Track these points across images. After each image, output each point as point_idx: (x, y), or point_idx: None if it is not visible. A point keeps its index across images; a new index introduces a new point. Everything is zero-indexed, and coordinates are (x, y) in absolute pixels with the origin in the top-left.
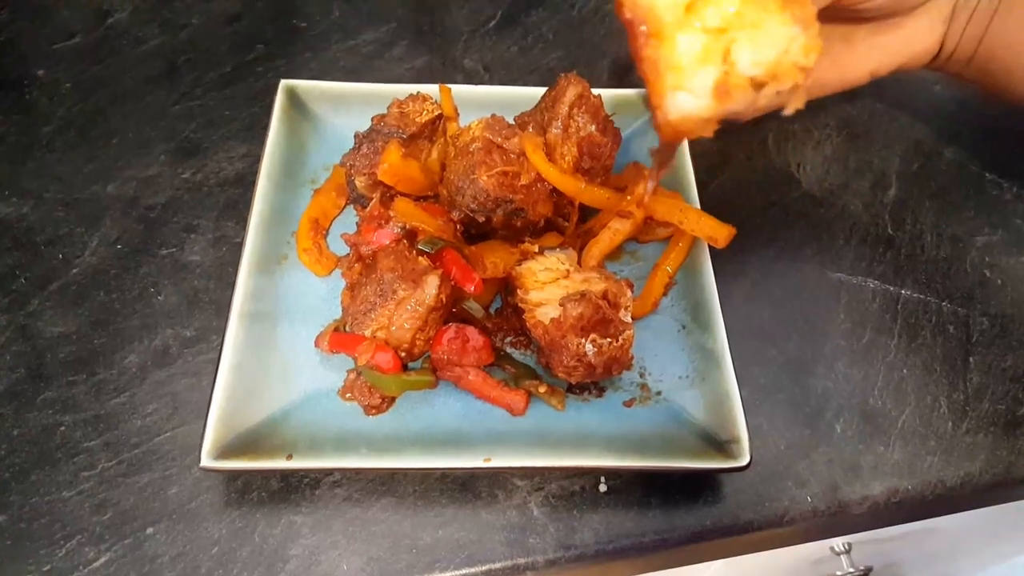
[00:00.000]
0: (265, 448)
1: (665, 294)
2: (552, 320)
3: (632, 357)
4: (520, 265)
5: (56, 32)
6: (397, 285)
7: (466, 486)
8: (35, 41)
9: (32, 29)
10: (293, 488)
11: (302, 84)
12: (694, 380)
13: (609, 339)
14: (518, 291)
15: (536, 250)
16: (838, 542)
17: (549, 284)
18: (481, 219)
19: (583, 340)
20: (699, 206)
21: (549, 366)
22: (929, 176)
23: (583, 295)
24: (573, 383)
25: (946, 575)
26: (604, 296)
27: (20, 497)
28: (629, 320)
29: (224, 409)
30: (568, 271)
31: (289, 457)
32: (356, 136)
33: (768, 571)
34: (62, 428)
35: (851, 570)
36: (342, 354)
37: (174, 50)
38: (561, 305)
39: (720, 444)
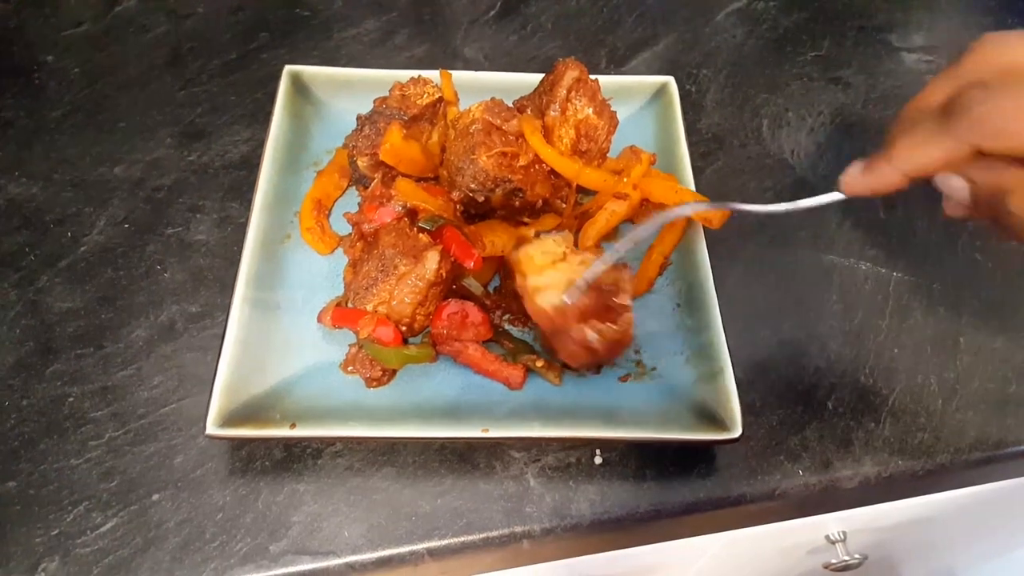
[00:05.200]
0: (269, 417)
1: (660, 274)
2: (554, 308)
3: (633, 337)
4: (517, 250)
5: (64, 20)
6: (398, 261)
7: (464, 457)
8: (44, 29)
9: (41, 17)
10: (296, 458)
11: (306, 69)
12: (688, 357)
13: (610, 323)
14: (517, 277)
15: (532, 234)
16: (834, 531)
17: (547, 268)
18: (480, 199)
19: (585, 327)
20: (695, 191)
21: (551, 350)
22: None
23: (585, 283)
24: (577, 368)
25: (941, 567)
26: (605, 282)
27: (29, 465)
28: (629, 303)
29: (229, 379)
30: (565, 253)
31: (293, 426)
32: (358, 118)
33: (763, 558)
34: (70, 399)
35: (847, 558)
36: (344, 329)
37: (179, 38)
38: (563, 293)
39: (713, 416)
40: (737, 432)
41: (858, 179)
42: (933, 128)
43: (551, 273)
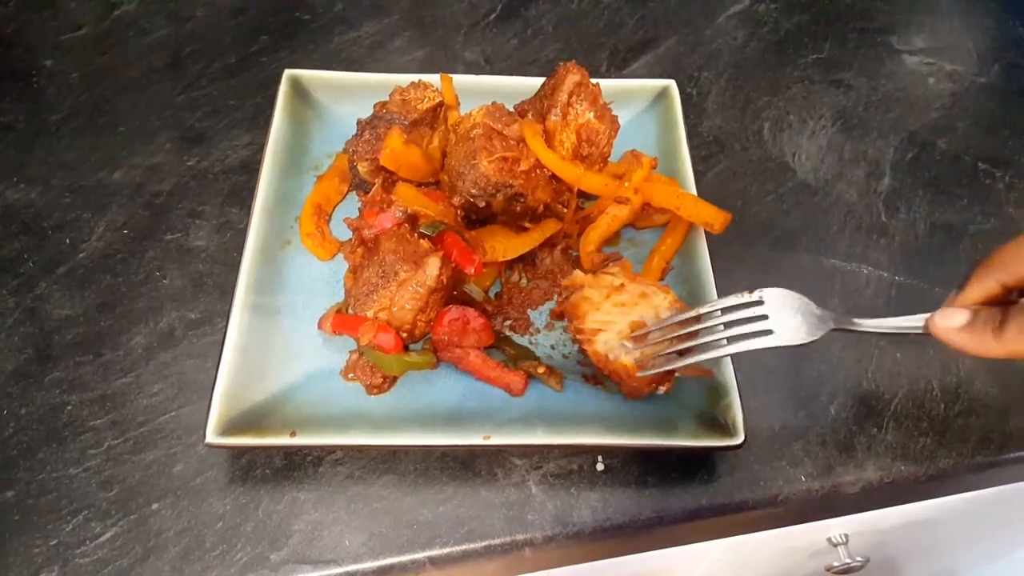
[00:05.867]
0: (269, 425)
1: (662, 279)
2: (622, 366)
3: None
4: (572, 296)
5: (64, 23)
6: (399, 267)
7: (466, 464)
8: (43, 32)
9: (40, 20)
10: (296, 466)
11: (306, 73)
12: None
13: (676, 375)
14: (573, 321)
15: (587, 280)
16: (836, 533)
17: (604, 302)
18: (481, 204)
19: (657, 386)
20: (696, 194)
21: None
22: (923, 166)
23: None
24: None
25: (944, 569)
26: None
27: (28, 474)
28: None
29: (229, 387)
30: (622, 284)
31: (293, 434)
32: (359, 123)
33: (765, 561)
34: (69, 407)
35: (848, 560)
36: (345, 335)
37: (179, 42)
38: (625, 340)
39: (715, 423)
40: (740, 438)
41: (956, 332)
42: None
43: (608, 308)
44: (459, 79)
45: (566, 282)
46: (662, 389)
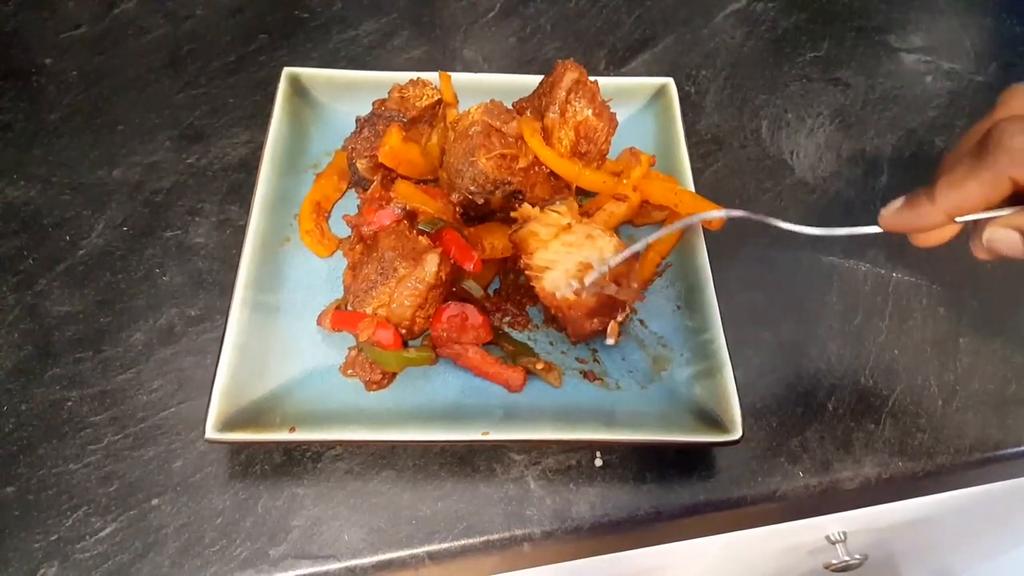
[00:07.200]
0: (268, 421)
1: (660, 275)
2: (564, 300)
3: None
4: (521, 230)
5: (63, 22)
6: (398, 263)
7: (465, 460)
8: (42, 31)
9: (39, 19)
10: (295, 461)
11: (305, 71)
12: (688, 358)
13: (613, 318)
14: (523, 257)
15: (533, 214)
16: (834, 531)
17: (552, 241)
18: (480, 201)
19: (593, 321)
20: (694, 192)
21: (557, 324)
22: (921, 164)
23: (601, 289)
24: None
25: (942, 567)
26: (617, 280)
27: (28, 469)
28: (635, 286)
29: (228, 383)
30: (570, 223)
31: (292, 430)
32: (358, 120)
33: (764, 559)
34: (69, 403)
35: (847, 558)
36: (344, 332)
37: (178, 40)
38: (575, 293)
39: (713, 419)
40: (737, 434)
41: (897, 215)
42: (971, 164)
43: (556, 247)
44: (458, 77)
45: (515, 213)
46: (610, 341)
